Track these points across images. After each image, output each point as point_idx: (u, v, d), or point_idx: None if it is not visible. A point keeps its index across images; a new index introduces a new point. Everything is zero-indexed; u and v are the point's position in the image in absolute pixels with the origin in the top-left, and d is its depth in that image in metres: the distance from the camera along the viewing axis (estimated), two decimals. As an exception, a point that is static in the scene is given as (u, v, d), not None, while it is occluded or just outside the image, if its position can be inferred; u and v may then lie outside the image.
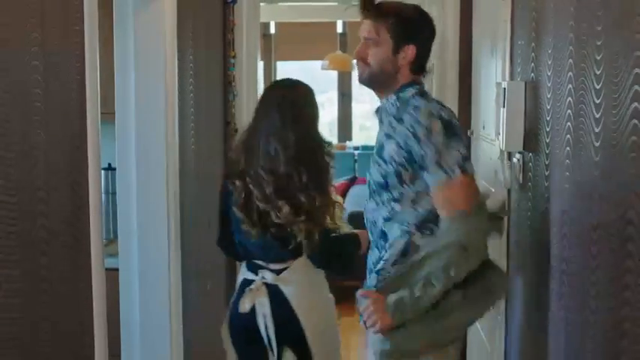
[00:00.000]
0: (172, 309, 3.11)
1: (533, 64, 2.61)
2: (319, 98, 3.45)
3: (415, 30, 2.42)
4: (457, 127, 2.32)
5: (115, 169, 3.33)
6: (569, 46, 2.10)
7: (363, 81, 2.49)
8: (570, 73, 2.10)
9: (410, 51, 2.40)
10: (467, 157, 2.30)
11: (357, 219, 6.15)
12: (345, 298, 5.15)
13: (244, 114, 4.35)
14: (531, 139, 2.64)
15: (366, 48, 2.45)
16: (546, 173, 2.41)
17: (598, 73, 1.83)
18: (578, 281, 2.03)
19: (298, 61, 11.45)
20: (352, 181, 7.59)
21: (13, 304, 1.76)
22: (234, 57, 4.17)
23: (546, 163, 2.40)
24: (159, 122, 3.03)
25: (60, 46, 2.02)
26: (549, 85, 2.36)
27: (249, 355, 3.05)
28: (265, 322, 2.93)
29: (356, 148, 10.61)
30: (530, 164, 2.65)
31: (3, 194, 1.70)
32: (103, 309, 2.25)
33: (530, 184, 2.67)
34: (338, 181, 7.89)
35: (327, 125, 12.45)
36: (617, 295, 1.70)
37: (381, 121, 2.47)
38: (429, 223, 2.38)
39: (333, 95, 12.06)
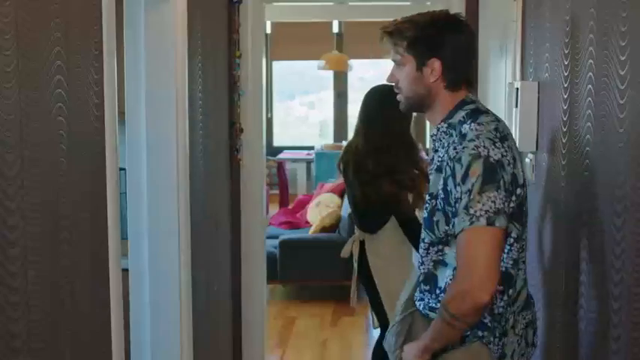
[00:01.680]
0: (183, 310, 3.10)
1: (547, 64, 2.62)
2: (309, 98, 3.48)
3: (435, 41, 2.18)
4: (499, 173, 2.01)
5: (122, 169, 3.32)
6: (589, 46, 2.11)
7: (404, 109, 2.32)
8: (590, 74, 2.11)
9: (436, 65, 2.16)
10: (500, 211, 1.98)
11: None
12: (345, 297, 5.14)
13: (249, 114, 4.34)
14: (545, 140, 2.65)
15: (394, 72, 2.28)
16: (563, 173, 2.41)
17: (622, 73, 1.84)
18: (598, 284, 2.04)
19: (294, 60, 11.44)
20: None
21: (38, 306, 1.75)
22: (239, 57, 4.16)
23: (563, 163, 2.40)
24: (169, 122, 3.02)
25: (80, 45, 2.01)
26: (566, 85, 2.37)
27: None
28: None
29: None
30: (544, 164, 2.66)
31: (28, 195, 1.70)
32: (120, 305, 2.24)
33: (543, 184, 2.67)
34: (335, 181, 7.88)
35: (317, 125, 12.46)
36: (644, 296, 1.71)
37: (435, 150, 2.24)
38: None
39: (325, 95, 12.07)
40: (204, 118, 3.50)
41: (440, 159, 2.16)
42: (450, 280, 2.13)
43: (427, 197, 2.19)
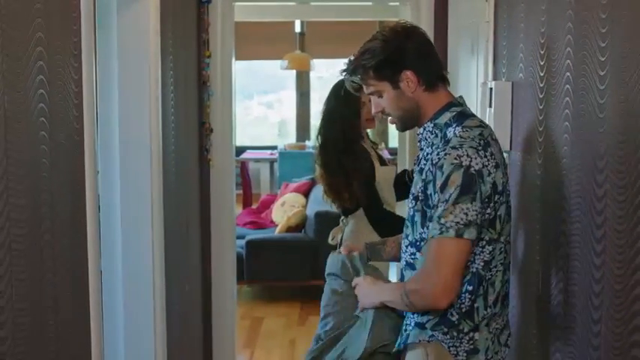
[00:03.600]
0: (156, 311, 3.08)
1: (521, 64, 2.65)
2: (267, 98, 3.41)
3: (396, 58, 2.21)
4: (477, 184, 2.05)
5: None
6: (567, 47, 2.14)
7: (401, 129, 2.37)
8: (568, 74, 2.14)
9: (409, 75, 2.20)
10: (471, 223, 2.04)
11: (321, 219, 6.20)
12: (312, 297, 5.14)
13: (218, 114, 4.33)
14: (520, 139, 2.68)
15: (376, 103, 2.30)
16: (539, 172, 2.44)
17: (602, 74, 1.87)
18: (578, 281, 2.07)
19: (256, 60, 11.39)
20: (314, 181, 7.58)
21: (23, 309, 1.73)
22: (209, 57, 4.15)
23: (539, 162, 2.44)
24: (142, 123, 3.00)
25: (61, 46, 1.99)
26: (542, 85, 2.40)
27: None
28: None
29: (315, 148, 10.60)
30: (519, 163, 2.69)
31: (13, 196, 1.67)
32: (98, 306, 2.23)
33: (518, 183, 2.70)
34: (299, 181, 7.88)
35: (276, 125, 12.44)
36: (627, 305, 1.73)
37: (420, 148, 2.28)
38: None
39: (284, 95, 12.06)
40: (175, 118, 3.48)
41: (425, 159, 2.19)
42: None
43: (410, 196, 2.22)
